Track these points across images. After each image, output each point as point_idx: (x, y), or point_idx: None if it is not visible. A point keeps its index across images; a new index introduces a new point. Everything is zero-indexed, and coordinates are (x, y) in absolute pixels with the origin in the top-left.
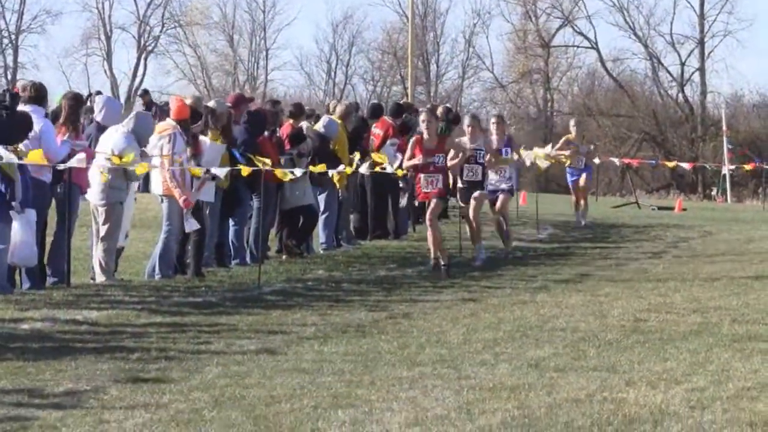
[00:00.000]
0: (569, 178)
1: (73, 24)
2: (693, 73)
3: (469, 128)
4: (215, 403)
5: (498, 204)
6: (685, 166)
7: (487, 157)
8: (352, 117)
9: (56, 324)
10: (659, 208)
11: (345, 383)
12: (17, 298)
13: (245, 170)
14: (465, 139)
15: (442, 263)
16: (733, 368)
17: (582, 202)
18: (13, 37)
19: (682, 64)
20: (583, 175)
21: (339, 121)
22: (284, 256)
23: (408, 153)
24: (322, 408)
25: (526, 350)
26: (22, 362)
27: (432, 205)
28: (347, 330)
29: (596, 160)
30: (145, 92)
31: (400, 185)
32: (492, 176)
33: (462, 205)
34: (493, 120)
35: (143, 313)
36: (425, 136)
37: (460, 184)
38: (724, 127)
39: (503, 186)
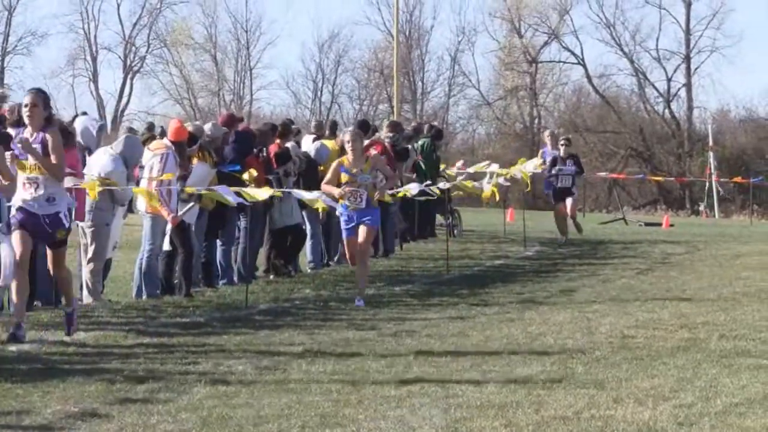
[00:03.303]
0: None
1: (59, 45)
2: (679, 89)
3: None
4: (203, 423)
5: None
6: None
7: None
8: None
9: (44, 345)
10: (646, 224)
11: (332, 402)
12: (5, 320)
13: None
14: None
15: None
16: (721, 384)
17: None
18: None
19: (669, 80)
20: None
21: (336, 148)
22: (272, 276)
23: None
24: (309, 427)
25: (513, 368)
26: (10, 384)
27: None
28: (335, 349)
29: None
30: None
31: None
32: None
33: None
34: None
35: (131, 334)
36: None
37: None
38: (711, 143)
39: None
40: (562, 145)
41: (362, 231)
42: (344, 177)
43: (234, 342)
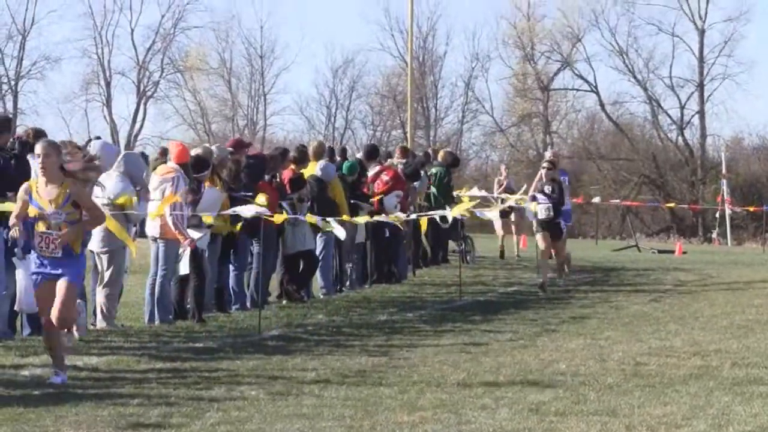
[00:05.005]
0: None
1: (73, 70)
2: (693, 116)
3: None
4: None
5: None
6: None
7: None
8: (324, 155)
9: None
10: (659, 252)
11: (345, 428)
12: (18, 344)
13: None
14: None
15: None
16: (734, 412)
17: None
18: (12, 83)
19: (682, 107)
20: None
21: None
22: (284, 302)
23: None
24: None
25: (526, 394)
26: (22, 408)
27: None
28: (347, 375)
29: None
30: None
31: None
32: None
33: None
34: None
35: (143, 359)
36: None
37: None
38: (724, 170)
39: None
40: (543, 167)
41: (59, 289)
42: (32, 210)
43: (247, 367)
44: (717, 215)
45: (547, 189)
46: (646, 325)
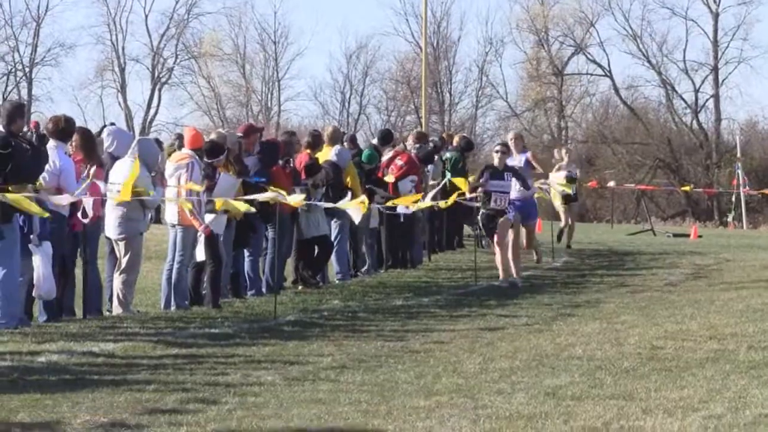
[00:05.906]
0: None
1: (87, 56)
2: (707, 100)
3: None
4: None
5: None
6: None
7: None
8: (340, 141)
9: (73, 356)
10: (675, 235)
11: (361, 413)
12: (34, 330)
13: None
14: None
15: None
16: (751, 395)
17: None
18: (27, 69)
19: (696, 91)
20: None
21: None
22: (300, 287)
23: None
24: None
25: (542, 379)
26: (39, 395)
27: None
28: (363, 360)
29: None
30: None
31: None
32: None
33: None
34: None
35: (159, 344)
36: None
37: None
38: (739, 154)
39: None
40: (496, 151)
41: None
42: None
43: (262, 353)
44: (733, 198)
45: (507, 177)
46: (662, 308)
